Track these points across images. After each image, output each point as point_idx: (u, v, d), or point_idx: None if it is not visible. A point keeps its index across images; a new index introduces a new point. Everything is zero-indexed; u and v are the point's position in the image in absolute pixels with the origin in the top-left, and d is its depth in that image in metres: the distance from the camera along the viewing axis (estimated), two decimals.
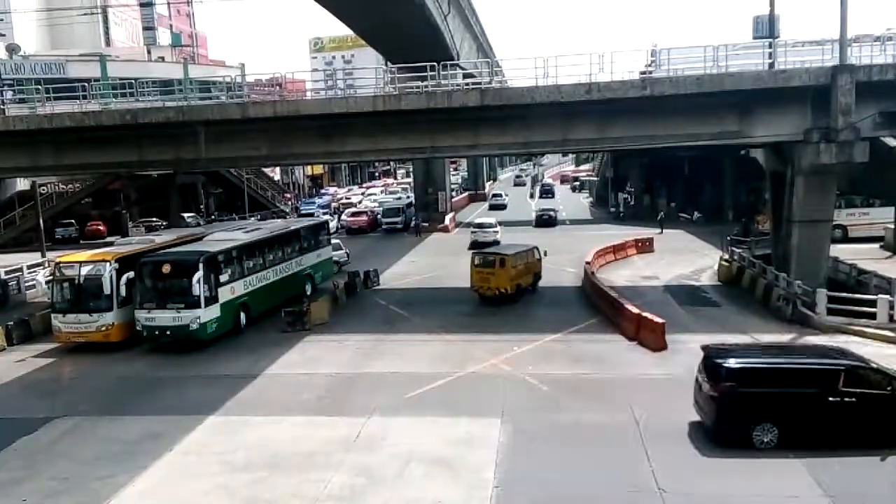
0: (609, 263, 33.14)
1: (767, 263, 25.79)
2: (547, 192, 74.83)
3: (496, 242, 38.03)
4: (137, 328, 21.67)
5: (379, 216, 52.43)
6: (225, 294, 22.44)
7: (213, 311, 21.72)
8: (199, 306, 21.12)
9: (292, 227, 28.88)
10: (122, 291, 21.75)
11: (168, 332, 21.27)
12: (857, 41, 23.44)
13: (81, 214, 53.24)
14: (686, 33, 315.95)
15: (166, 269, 21.58)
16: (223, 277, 22.51)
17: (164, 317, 21.24)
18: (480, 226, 42.56)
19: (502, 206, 63.08)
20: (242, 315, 23.46)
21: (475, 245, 38.77)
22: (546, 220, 50.09)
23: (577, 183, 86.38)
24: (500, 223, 43.59)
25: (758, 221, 38.62)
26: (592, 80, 22.84)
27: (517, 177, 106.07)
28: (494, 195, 68.10)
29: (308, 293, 27.52)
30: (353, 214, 53.09)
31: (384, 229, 50.16)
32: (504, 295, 25.79)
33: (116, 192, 53.35)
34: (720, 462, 12.87)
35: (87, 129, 25.33)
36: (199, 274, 21.09)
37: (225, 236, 25.10)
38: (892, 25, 65.14)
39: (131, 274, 21.79)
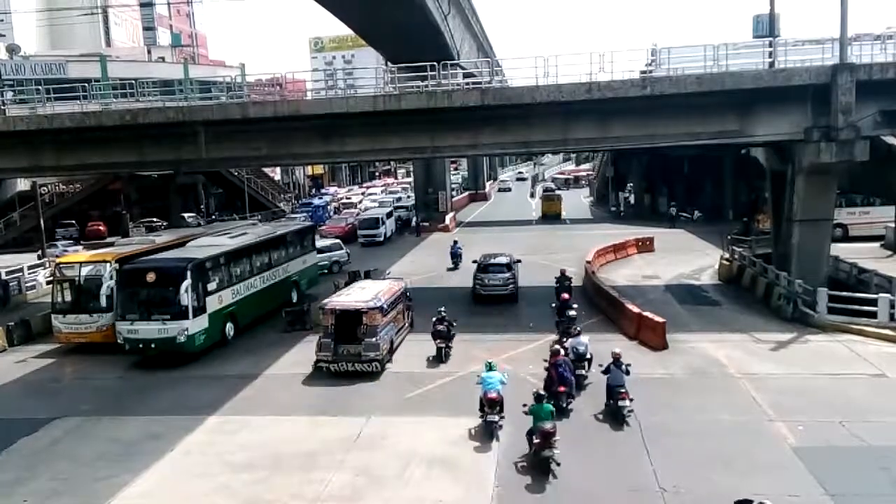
0: (609, 262, 33.12)
1: (768, 262, 25.76)
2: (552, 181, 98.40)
3: (510, 189, 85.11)
4: (119, 341, 20.29)
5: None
6: (213, 303, 21.15)
7: (202, 322, 20.40)
8: (186, 317, 19.79)
9: (279, 232, 27.35)
10: None
11: (153, 346, 19.85)
12: (858, 40, 23.33)
13: (81, 213, 53.24)
14: (686, 33, 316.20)
15: (151, 277, 20.01)
16: (211, 286, 21.22)
17: (149, 329, 19.83)
18: (504, 181, 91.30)
19: (519, 183, 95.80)
20: (230, 325, 22.22)
21: (501, 190, 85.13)
22: (552, 191, 67.89)
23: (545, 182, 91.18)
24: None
25: (758, 220, 38.54)
26: (593, 79, 22.79)
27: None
28: (518, 174, 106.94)
29: (294, 301, 26.06)
30: (333, 222, 50.17)
31: (361, 243, 42.99)
32: (558, 216, 52.55)
33: (117, 193, 53.34)
34: (720, 461, 12.87)
35: (88, 130, 25.28)
36: (188, 282, 19.79)
37: (210, 241, 23.91)
38: (893, 24, 65.19)
39: None
